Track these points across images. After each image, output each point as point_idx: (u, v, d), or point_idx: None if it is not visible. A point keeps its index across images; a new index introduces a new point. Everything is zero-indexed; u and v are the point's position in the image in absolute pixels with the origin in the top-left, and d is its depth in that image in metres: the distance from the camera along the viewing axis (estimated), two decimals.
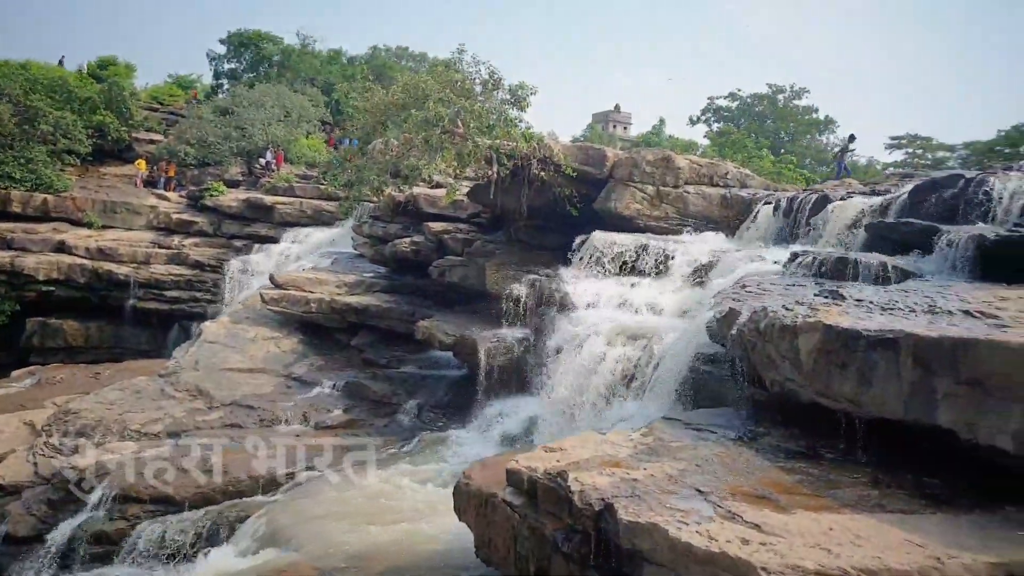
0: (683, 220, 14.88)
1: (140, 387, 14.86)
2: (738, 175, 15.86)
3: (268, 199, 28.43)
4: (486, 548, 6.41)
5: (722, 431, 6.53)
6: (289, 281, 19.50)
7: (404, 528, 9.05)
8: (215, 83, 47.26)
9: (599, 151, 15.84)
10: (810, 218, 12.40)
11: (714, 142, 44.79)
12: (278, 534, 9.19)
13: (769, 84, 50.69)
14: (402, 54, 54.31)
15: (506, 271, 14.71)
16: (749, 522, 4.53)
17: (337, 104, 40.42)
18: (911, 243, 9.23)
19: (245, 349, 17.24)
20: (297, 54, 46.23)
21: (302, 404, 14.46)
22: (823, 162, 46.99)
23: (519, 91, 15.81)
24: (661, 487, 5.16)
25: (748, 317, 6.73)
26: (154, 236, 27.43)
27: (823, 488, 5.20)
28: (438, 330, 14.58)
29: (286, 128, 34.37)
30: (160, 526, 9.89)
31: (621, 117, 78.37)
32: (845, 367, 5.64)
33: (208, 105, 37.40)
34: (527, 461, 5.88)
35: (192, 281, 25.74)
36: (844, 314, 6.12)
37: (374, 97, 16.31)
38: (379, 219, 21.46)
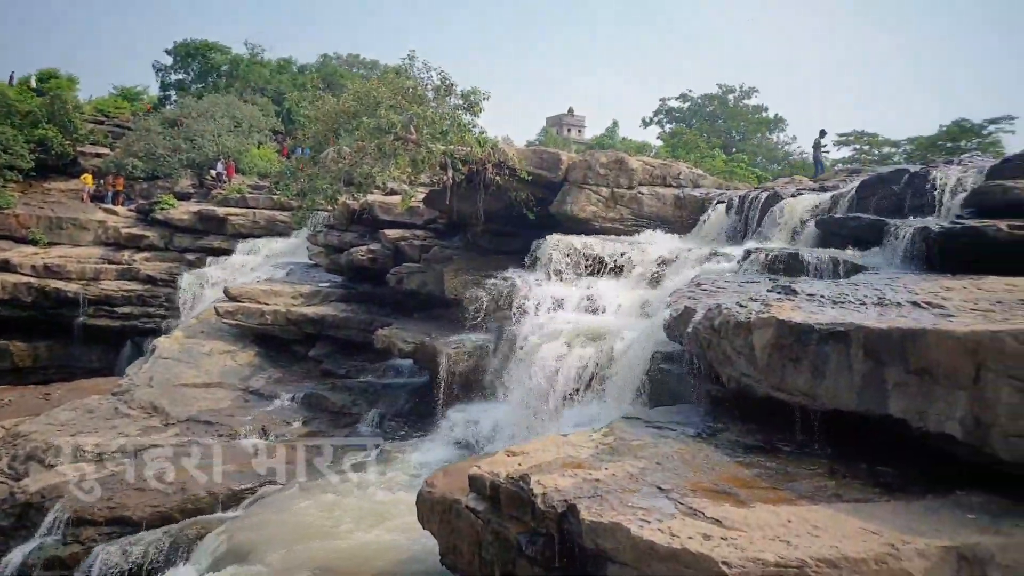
0: (638, 221, 15.04)
1: (93, 406, 14.46)
2: (691, 175, 16.09)
3: (220, 211, 27.97)
4: (451, 555, 6.36)
5: (681, 428, 6.59)
6: (244, 293, 19.18)
7: (368, 538, 8.94)
8: (162, 94, 46.34)
9: (553, 154, 15.93)
10: (762, 216, 12.64)
11: (667, 143, 45.39)
12: (239, 550, 8.99)
13: (719, 84, 51.54)
14: (353, 62, 53.96)
15: (465, 276, 14.69)
16: (710, 517, 4.57)
17: (288, 113, 39.95)
18: (860, 237, 9.48)
19: (200, 364, 16.91)
20: (246, 64, 45.59)
21: (261, 417, 14.23)
22: (774, 160, 48.00)
23: (472, 96, 15.81)
24: (623, 486, 5.18)
25: (703, 315, 6.83)
26: (103, 252, 26.80)
27: (781, 481, 5.28)
28: (397, 338, 14.48)
29: (237, 139, 33.86)
30: (117, 548, 9.56)
31: (575, 120, 78.96)
32: (799, 361, 5.74)
33: (156, 117, 36.59)
34: (489, 466, 5.85)
35: (144, 296, 25.22)
36: (796, 309, 6.24)
37: (325, 105, 16.15)
38: (334, 228, 21.27)
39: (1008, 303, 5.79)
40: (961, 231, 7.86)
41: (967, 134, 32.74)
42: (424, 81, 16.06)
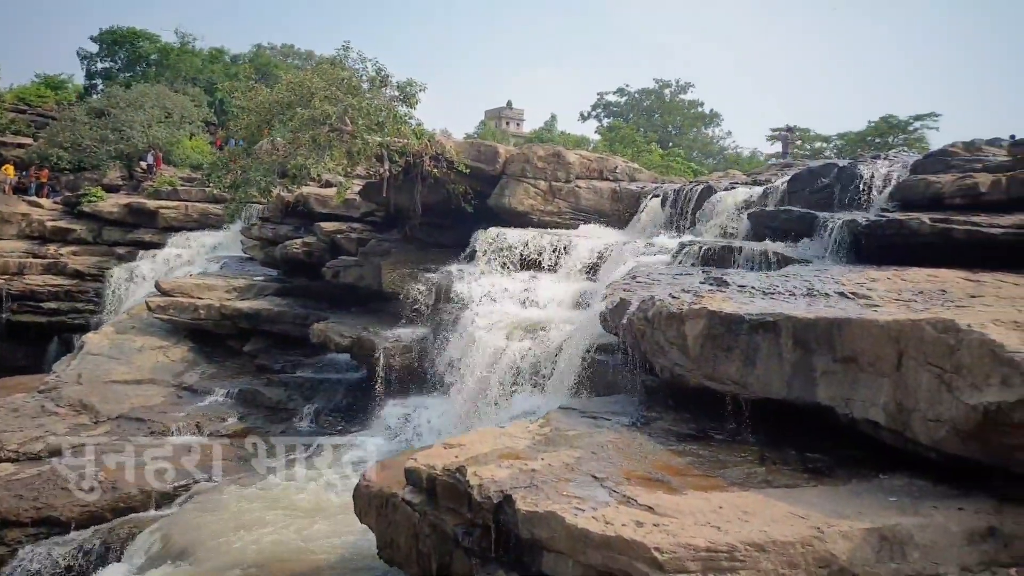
0: (576, 214, 15.15)
1: (17, 405, 13.87)
2: (627, 169, 16.28)
3: (151, 203, 27.12)
4: (388, 548, 6.32)
5: (616, 418, 6.67)
6: (176, 288, 18.62)
7: (305, 534, 8.81)
8: (88, 83, 44.50)
9: (491, 147, 15.90)
10: (696, 209, 12.88)
11: (604, 137, 45.84)
12: (173, 548, 8.78)
13: (656, 79, 52.33)
14: (288, 52, 52.90)
15: (402, 270, 14.56)
16: (643, 505, 4.64)
17: (221, 104, 38.89)
18: (792, 230, 9.74)
19: (132, 360, 16.37)
20: (176, 53, 44.16)
21: (195, 414, 13.87)
22: (710, 154, 48.99)
23: (408, 88, 15.64)
24: (558, 476, 5.22)
25: (637, 306, 6.92)
26: (27, 245, 25.73)
27: (713, 468, 5.39)
28: (334, 332, 14.27)
29: (168, 129, 32.79)
30: (44, 549, 9.35)
31: (513, 114, 79.04)
32: (730, 350, 5.88)
33: (81, 106, 35.10)
34: (426, 459, 5.82)
35: (72, 291, 24.39)
36: (728, 300, 6.38)
37: (258, 96, 15.73)
38: (268, 221, 20.82)
39: (929, 293, 6.04)
40: (886, 224, 8.16)
41: (894, 130, 34.07)
42: (359, 72, 15.83)
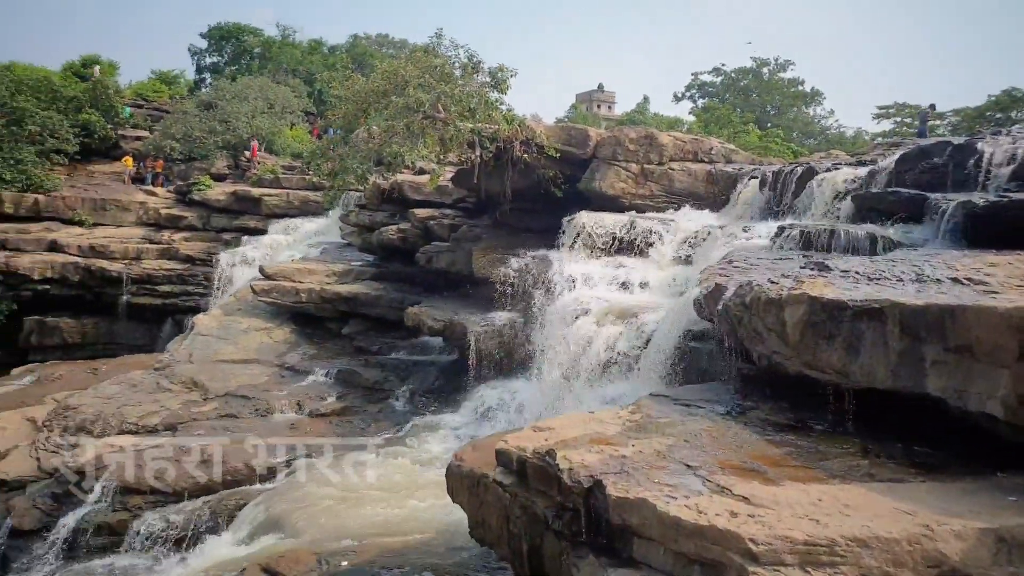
0: (669, 198, 14.86)
1: (136, 381, 14.89)
2: (723, 150, 15.82)
3: (255, 191, 28.34)
4: (480, 528, 6.41)
5: (710, 406, 6.52)
6: (279, 272, 19.45)
7: (399, 511, 9.11)
8: (198, 77, 46.85)
9: (582, 131, 15.77)
10: (796, 191, 12.38)
11: (699, 118, 44.71)
12: (276, 520, 9.25)
13: (753, 58, 50.62)
14: (383, 41, 54.03)
15: (493, 255, 14.69)
16: (738, 495, 4.52)
17: (320, 94, 40.15)
18: (900, 213, 9.22)
19: (238, 340, 17.26)
20: (278, 45, 45.88)
21: (296, 393, 14.48)
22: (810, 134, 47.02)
23: (499, 74, 15.70)
24: (650, 463, 5.15)
25: (734, 292, 6.72)
26: (144, 232, 27.37)
27: (812, 460, 5.20)
28: (427, 316, 14.57)
29: (270, 120, 34.16)
30: (161, 516, 9.98)
31: (605, 96, 78.05)
32: (832, 338, 5.63)
33: (192, 100, 37.06)
34: (516, 441, 5.86)
35: (183, 275, 25.71)
36: (830, 285, 6.11)
37: (354, 85, 16.16)
38: (365, 208, 21.40)
39: None
40: (1009, 205, 7.56)
41: (1018, 104, 31.60)
42: (452, 60, 15.99)
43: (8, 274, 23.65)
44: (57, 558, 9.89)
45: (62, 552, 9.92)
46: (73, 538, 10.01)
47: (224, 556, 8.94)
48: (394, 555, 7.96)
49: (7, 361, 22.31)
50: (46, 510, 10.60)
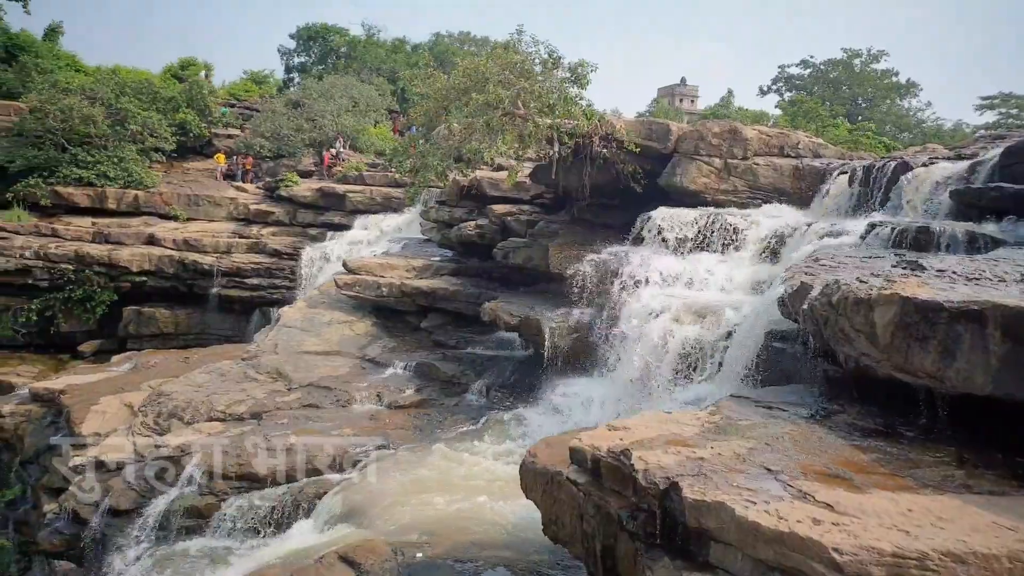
0: (753, 193, 14.43)
1: (225, 370, 15.49)
2: (810, 144, 15.26)
3: (340, 188, 29.12)
4: (553, 526, 6.40)
5: (793, 409, 6.31)
6: (361, 266, 19.90)
7: (473, 505, 9.18)
8: (287, 77, 48.54)
9: (663, 125, 15.50)
10: (889, 187, 11.81)
11: (786, 112, 43.34)
12: (353, 510, 9.47)
13: (844, 48, 48.78)
14: (464, 39, 54.56)
15: (569, 251, 14.62)
16: (821, 502, 4.36)
17: (403, 92, 40.92)
18: (1003, 209, 8.73)
19: (321, 333, 17.75)
20: (363, 45, 47.01)
21: (376, 384, 14.80)
22: (905, 128, 44.92)
23: (579, 69, 15.55)
24: (728, 466, 5.03)
25: (820, 291, 6.47)
26: (234, 227, 28.61)
27: (902, 467, 4.96)
28: (503, 311, 14.63)
29: (355, 118, 35.01)
30: (246, 501, 10.37)
31: (687, 91, 76.74)
32: (925, 341, 5.35)
33: (280, 98, 38.39)
34: (590, 439, 5.82)
35: (271, 268, 26.76)
36: (924, 285, 5.81)
37: (435, 83, 16.34)
38: (445, 204, 21.65)
39: None
40: None
41: None
42: (532, 56, 15.96)
43: (110, 266, 25.17)
44: (148, 539, 10.36)
45: (154, 533, 10.40)
46: (164, 519, 10.47)
47: (303, 543, 9.22)
48: (467, 549, 8.04)
49: (109, 348, 24.05)
50: (140, 492, 11.14)
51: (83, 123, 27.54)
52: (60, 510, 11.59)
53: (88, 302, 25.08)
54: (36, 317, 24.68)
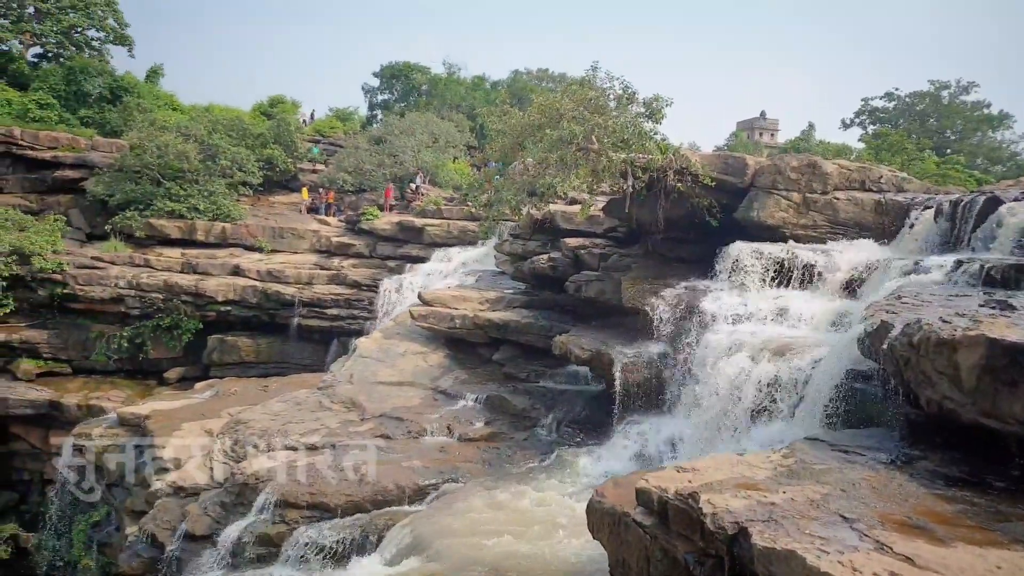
0: (833, 228, 14.02)
1: (301, 399, 15.90)
2: (893, 179, 14.74)
3: (419, 221, 29.76)
4: (620, 568, 6.30)
5: (872, 454, 6.06)
6: (435, 298, 20.23)
7: (541, 544, 9.09)
8: (370, 114, 50.20)
9: (739, 159, 15.28)
10: (978, 223, 11.28)
11: (869, 145, 42.04)
12: (421, 544, 9.51)
13: (931, 81, 47.16)
14: (543, 76, 55.26)
15: (642, 285, 14.47)
16: (900, 554, 4.17)
17: (481, 128, 41.71)
18: None
19: (395, 363, 18.06)
20: (443, 82, 48.23)
21: (447, 416, 14.92)
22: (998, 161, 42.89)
23: (654, 103, 15.53)
24: (801, 512, 4.87)
25: (901, 330, 6.23)
26: (316, 258, 29.50)
27: (990, 520, 4.69)
28: (574, 345, 14.56)
29: (434, 153, 35.85)
30: (316, 531, 10.52)
31: (767, 124, 75.39)
32: (1015, 385, 5.08)
33: (363, 135, 39.72)
34: (657, 480, 5.74)
35: (350, 299, 27.40)
36: (1013, 326, 5.53)
37: (511, 119, 16.60)
38: (519, 237, 21.83)
39: None
40: None
41: None
42: (606, 91, 16.04)
43: (197, 295, 26.29)
44: (220, 565, 10.63)
45: (227, 559, 10.65)
46: (237, 546, 10.72)
47: (371, 574, 9.30)
48: None
49: (193, 375, 25.09)
50: (215, 518, 11.50)
51: (177, 159, 29.06)
52: (140, 533, 12.04)
53: (175, 330, 26.17)
54: (127, 344, 25.87)
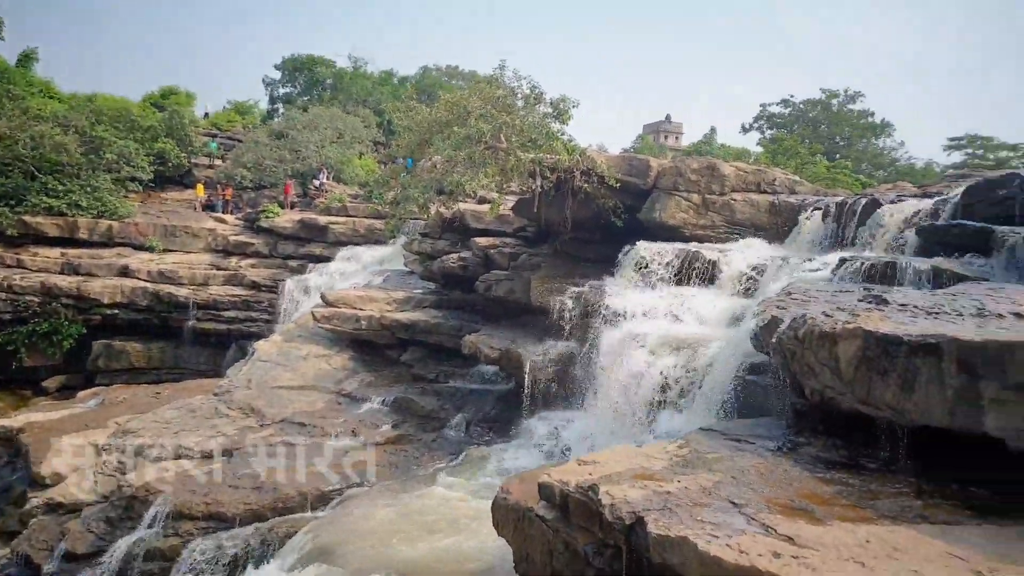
0: (730, 228, 14.64)
1: (195, 406, 15.24)
2: (786, 181, 15.54)
3: (322, 219, 29.09)
4: (524, 563, 6.34)
5: (761, 442, 6.36)
6: (340, 299, 19.84)
7: (448, 543, 9.06)
8: (271, 107, 48.74)
9: (643, 161, 15.74)
10: (860, 223, 12.05)
11: (766, 149, 44.12)
12: (324, 550, 9.28)
13: (823, 89, 49.94)
14: (452, 73, 55.12)
15: (551, 284, 14.67)
16: (783, 535, 4.39)
17: (389, 124, 41.23)
18: (965, 246, 8.91)
19: (297, 367, 17.59)
20: (349, 76, 47.36)
21: (352, 420, 14.65)
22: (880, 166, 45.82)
23: (561, 104, 15.79)
24: (694, 500, 5.05)
25: (788, 324, 6.56)
26: (212, 258, 28.35)
27: (863, 499, 5.01)
28: (484, 344, 14.62)
29: (339, 149, 35.16)
30: (212, 543, 10.09)
31: (672, 128, 77.84)
32: (886, 374, 5.44)
33: (263, 129, 38.53)
34: (560, 475, 5.82)
35: (249, 301, 26.45)
36: (886, 319, 5.91)
37: (418, 116, 16.51)
38: (428, 236, 21.72)
39: None
40: None
41: None
42: (515, 90, 16.19)
43: (79, 298, 24.65)
44: None
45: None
46: (125, 563, 10.17)
47: None
48: None
49: (76, 384, 23.29)
50: (100, 534, 10.85)
51: (55, 151, 27.13)
52: (12, 555, 11.24)
53: (54, 336, 24.37)
54: None
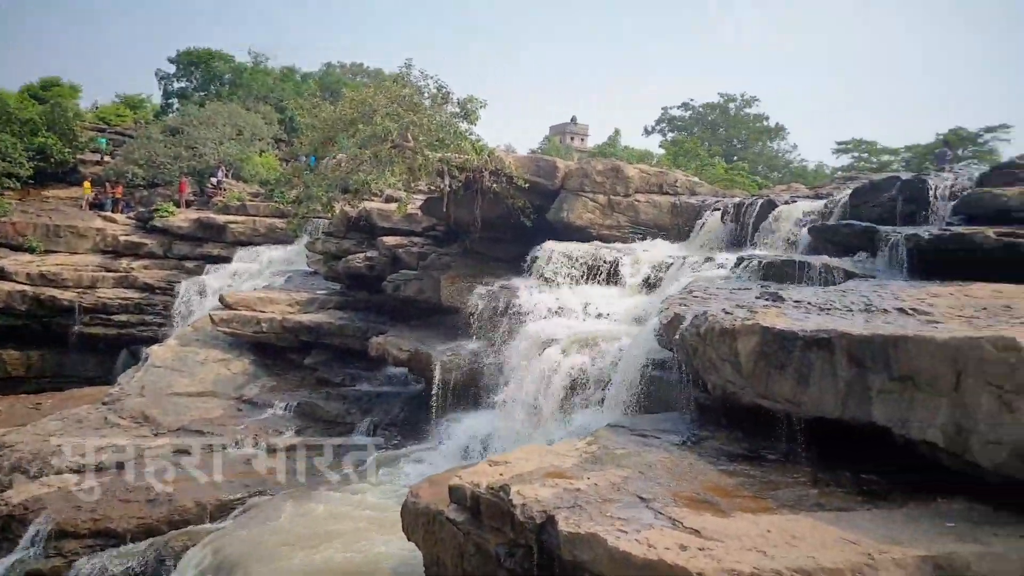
0: (635, 228, 14.99)
1: (82, 416, 14.31)
2: (687, 183, 16.05)
3: (220, 218, 27.97)
4: (435, 567, 6.26)
5: (667, 436, 6.51)
6: (240, 301, 19.11)
7: (356, 551, 8.85)
8: (165, 102, 46.38)
9: (550, 162, 15.90)
10: (757, 223, 12.56)
11: (668, 151, 45.45)
12: (225, 563, 8.89)
13: (721, 93, 51.88)
14: (357, 71, 54.21)
15: (461, 283, 14.61)
16: (688, 527, 4.49)
17: (291, 121, 40.07)
18: (853, 244, 9.41)
19: (194, 373, 16.81)
20: (249, 72, 45.70)
21: (253, 427, 14.14)
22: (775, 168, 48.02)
23: (468, 104, 15.74)
24: (603, 496, 5.10)
25: (690, 322, 6.75)
26: (101, 259, 26.72)
27: (763, 490, 5.19)
28: (392, 346, 14.39)
29: (239, 146, 33.90)
30: (99, 561, 9.51)
31: (578, 129, 79.16)
32: (783, 368, 5.67)
33: (157, 125, 36.70)
34: (471, 476, 5.77)
35: (141, 304, 25.12)
36: (782, 316, 6.16)
37: (322, 113, 16.10)
38: (332, 235, 21.22)
39: (993, 309, 5.72)
40: (950, 238, 7.82)
41: (964, 142, 32.95)
42: (421, 89, 16.03)
43: None
44: None
45: None
46: None
47: None
48: None
49: None
50: None
51: None
52: None
53: None
54: None
